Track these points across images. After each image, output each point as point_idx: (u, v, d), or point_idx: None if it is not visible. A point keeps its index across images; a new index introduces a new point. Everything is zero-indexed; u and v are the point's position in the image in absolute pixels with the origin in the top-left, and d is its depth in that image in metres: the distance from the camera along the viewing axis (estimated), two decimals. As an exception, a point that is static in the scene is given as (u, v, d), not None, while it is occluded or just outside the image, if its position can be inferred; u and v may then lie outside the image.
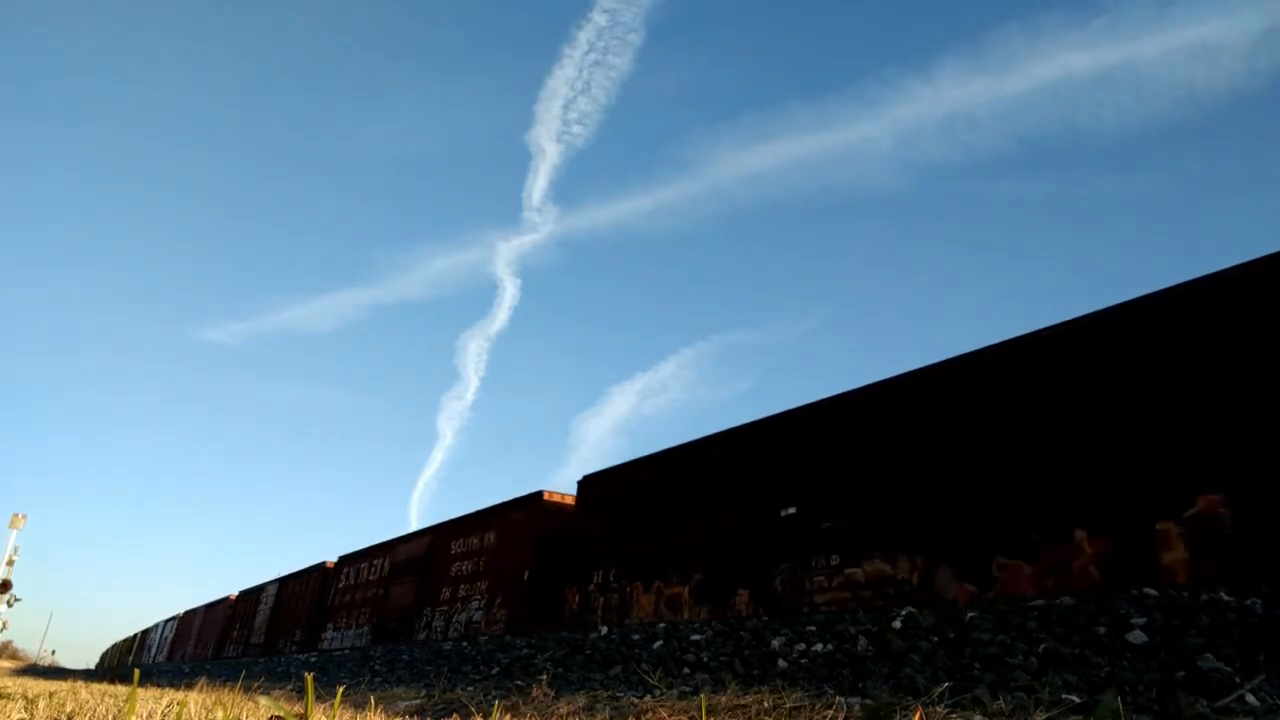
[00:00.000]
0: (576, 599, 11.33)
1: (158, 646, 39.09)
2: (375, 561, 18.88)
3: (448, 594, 15.19)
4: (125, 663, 43.06)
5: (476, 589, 14.31)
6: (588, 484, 12.27)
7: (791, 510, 8.30)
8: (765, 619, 7.73)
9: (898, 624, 6.11)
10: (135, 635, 47.87)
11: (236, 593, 28.82)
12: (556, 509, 13.19)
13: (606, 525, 11.37)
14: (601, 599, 10.84)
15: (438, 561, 16.06)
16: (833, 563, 7.68)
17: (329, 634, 20.06)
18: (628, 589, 10.37)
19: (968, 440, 6.96)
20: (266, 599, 25.02)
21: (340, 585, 20.45)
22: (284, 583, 24.29)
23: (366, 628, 18.12)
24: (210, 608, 31.54)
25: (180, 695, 6.98)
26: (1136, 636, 4.72)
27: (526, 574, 12.83)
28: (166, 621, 38.89)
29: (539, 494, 13.45)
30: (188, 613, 35.23)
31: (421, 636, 15.48)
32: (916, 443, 7.35)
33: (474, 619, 13.90)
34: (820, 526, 7.90)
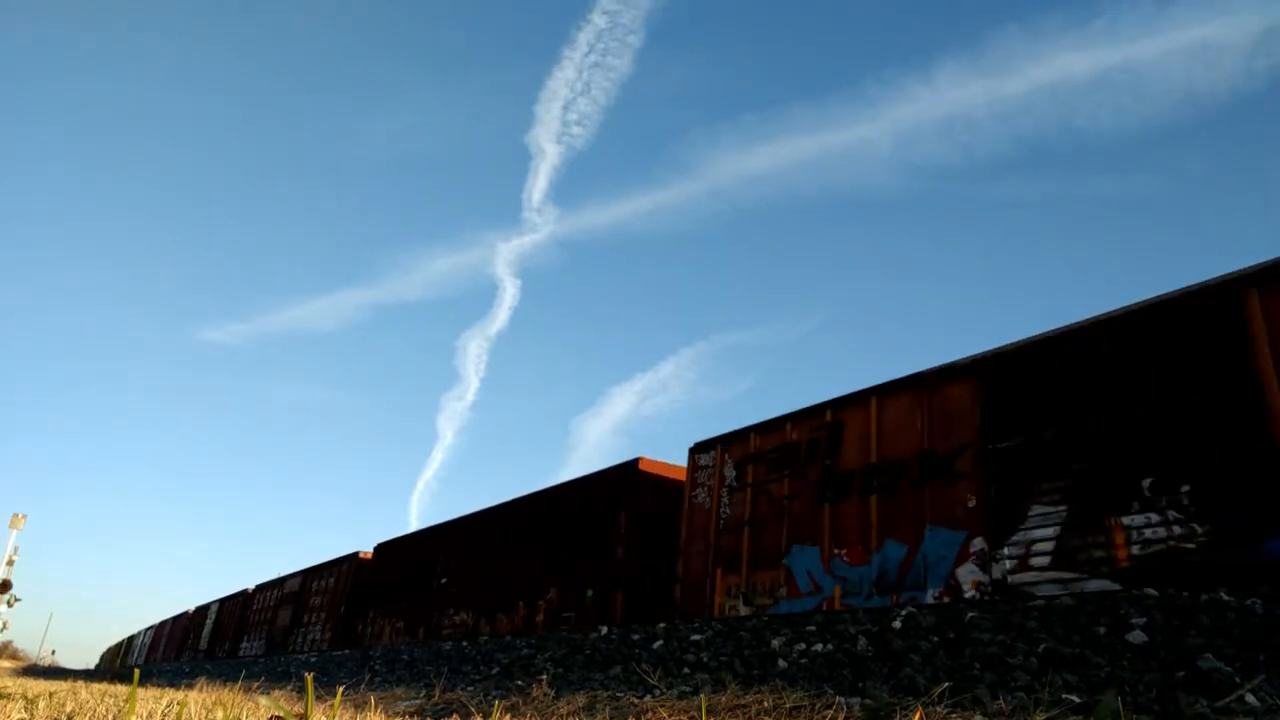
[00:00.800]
0: (360, 626, 18.66)
1: (139, 650, 44.11)
2: (273, 592, 24.77)
3: (308, 618, 21.69)
4: (116, 665, 46.26)
5: (321, 616, 20.94)
6: (378, 550, 19.64)
7: (444, 580, 15.84)
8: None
9: (898, 624, 6.11)
10: (122, 641, 53.67)
11: (194, 608, 33.76)
12: (364, 564, 19.83)
13: (363, 581, 19.59)
14: (370, 627, 18.21)
15: (305, 595, 22.42)
16: (450, 613, 15.22)
17: (244, 643, 25.65)
18: (380, 621, 17.96)
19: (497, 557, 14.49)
20: (210, 614, 30.71)
21: (254, 607, 26.10)
22: (223, 603, 29.74)
23: (263, 640, 23.89)
24: (175, 619, 36.55)
25: (180, 695, 6.99)
26: (1136, 636, 4.72)
27: (341, 608, 19.72)
28: (146, 630, 44.12)
29: (355, 554, 20.25)
30: (162, 622, 40.01)
31: (292, 649, 21.68)
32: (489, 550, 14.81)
33: (317, 636, 20.48)
34: (445, 590, 15.74)
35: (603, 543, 11.12)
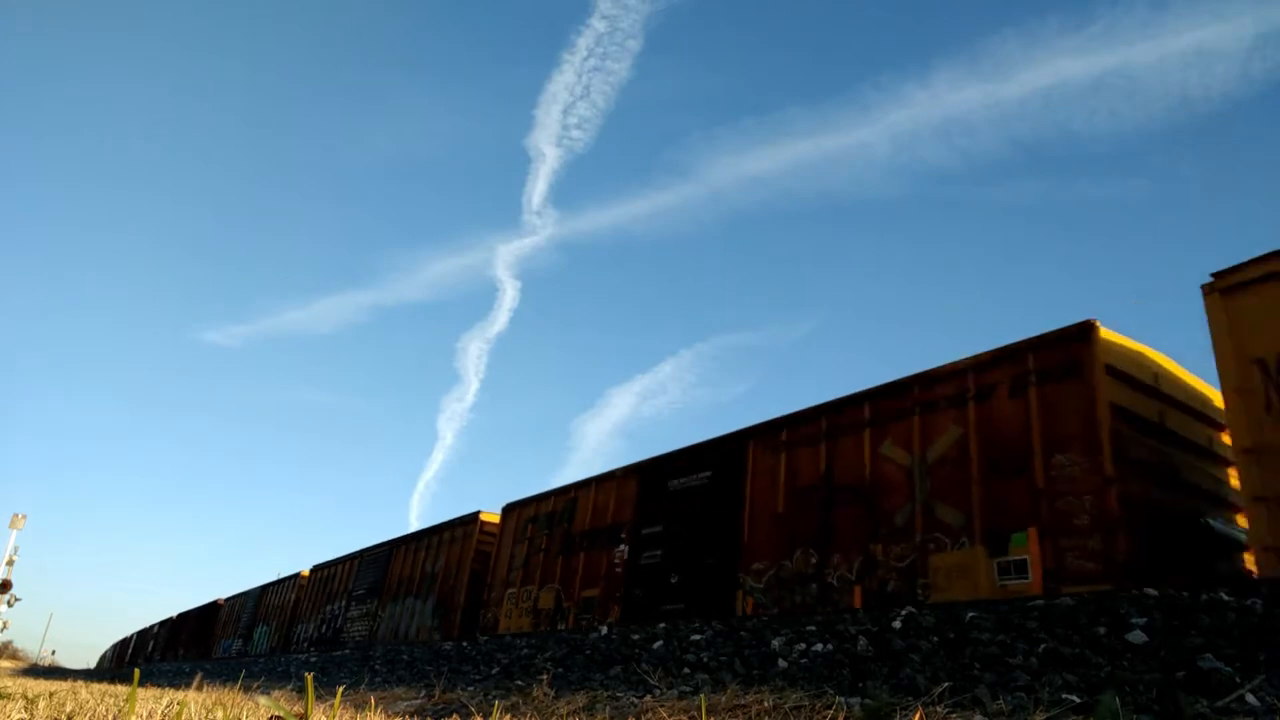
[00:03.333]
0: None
1: (131, 651, 49.19)
2: (243, 602, 28.36)
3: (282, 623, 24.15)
4: (117, 665, 48.94)
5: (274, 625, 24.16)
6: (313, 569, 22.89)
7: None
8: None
9: (898, 624, 6.11)
10: (115, 645, 57.80)
11: (176, 614, 38.48)
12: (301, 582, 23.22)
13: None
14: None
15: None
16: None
17: (222, 644, 29.41)
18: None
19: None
20: (190, 619, 35.28)
21: (222, 616, 30.55)
22: (185, 615, 36.10)
23: (239, 640, 27.46)
24: (161, 624, 41.33)
25: (180, 695, 6.99)
26: (1136, 636, 4.72)
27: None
28: (136, 633, 49.73)
29: (298, 574, 23.54)
30: (144, 628, 46.58)
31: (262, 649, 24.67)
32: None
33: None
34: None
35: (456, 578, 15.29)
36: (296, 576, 23.52)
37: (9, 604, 34.56)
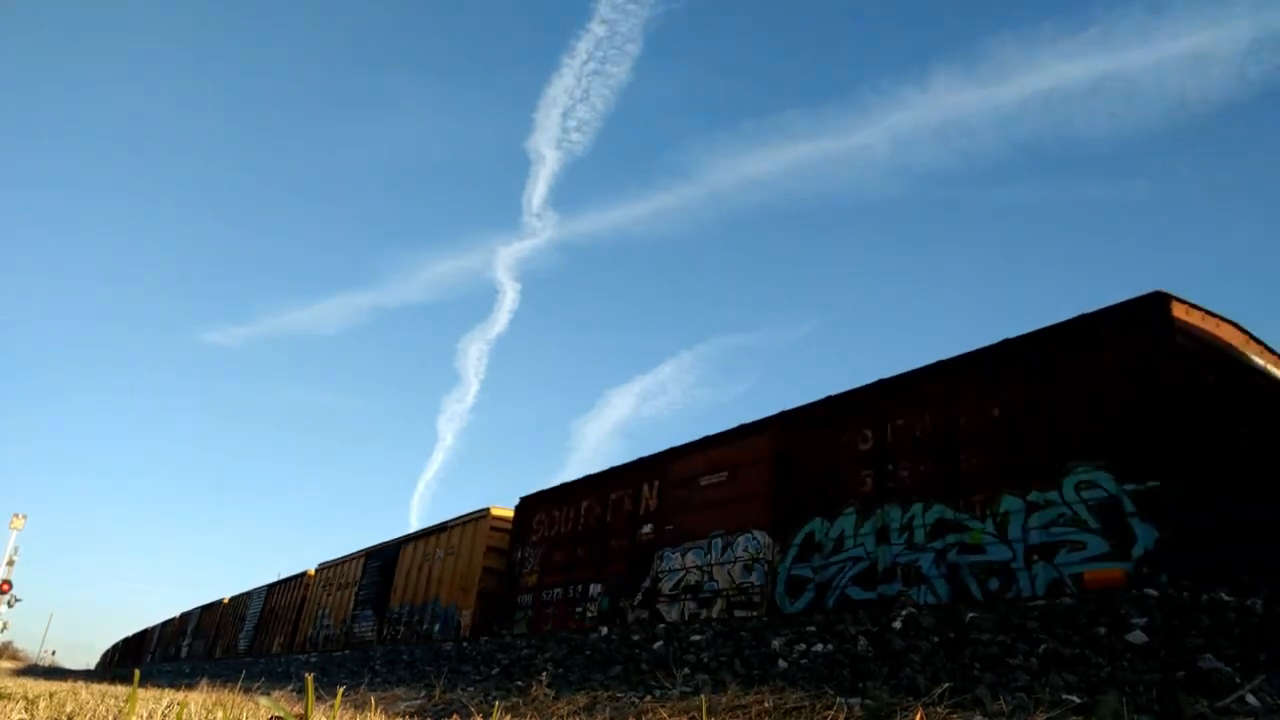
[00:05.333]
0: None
1: (134, 651, 52.42)
2: (203, 613, 33.22)
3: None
4: (119, 664, 50.09)
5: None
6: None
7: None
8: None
9: (898, 624, 6.11)
10: (116, 646, 59.76)
11: (162, 621, 42.74)
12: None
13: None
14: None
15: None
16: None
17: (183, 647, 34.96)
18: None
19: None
20: (172, 624, 39.61)
21: (189, 624, 35.08)
22: (166, 623, 40.71)
23: (202, 643, 31.89)
24: (152, 628, 45.67)
25: (180, 696, 6.99)
26: (1137, 636, 4.72)
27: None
28: (133, 634, 53.81)
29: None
30: (134, 633, 51.59)
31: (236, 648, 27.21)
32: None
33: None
34: None
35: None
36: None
37: (9, 604, 34.54)
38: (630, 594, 10.73)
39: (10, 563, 33.95)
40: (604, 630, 9.44)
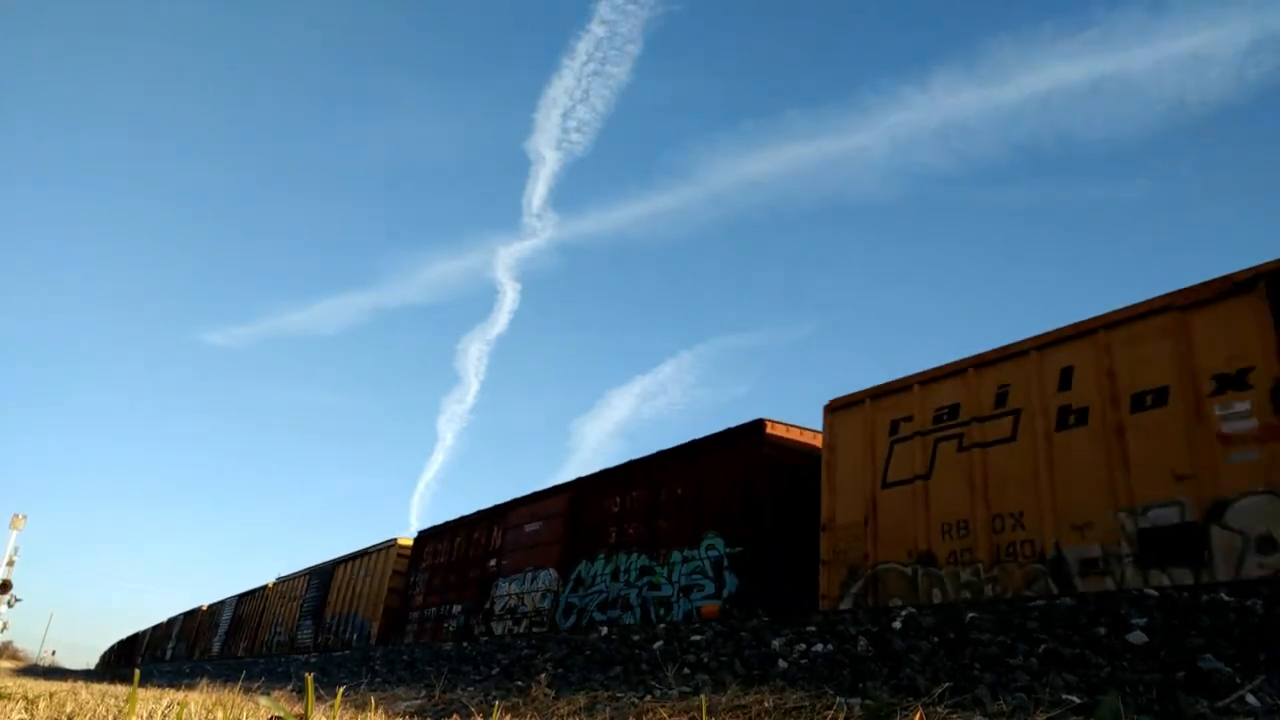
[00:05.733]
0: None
1: (128, 653, 54.42)
2: (185, 619, 35.74)
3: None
4: (115, 665, 51.78)
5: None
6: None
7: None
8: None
9: (898, 624, 6.11)
10: (113, 647, 61.47)
11: (153, 624, 45.30)
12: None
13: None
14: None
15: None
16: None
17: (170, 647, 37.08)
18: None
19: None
20: (160, 629, 42.02)
21: (174, 629, 37.85)
22: (155, 628, 43.70)
23: (184, 645, 34.36)
24: (143, 631, 48.39)
25: (180, 696, 6.99)
26: (1137, 637, 4.72)
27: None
28: (126, 637, 56.97)
29: (264, 586, 26.05)
30: (126, 636, 54.83)
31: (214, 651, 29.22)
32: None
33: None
34: None
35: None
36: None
37: (9, 604, 34.55)
38: (478, 614, 13.84)
39: (10, 563, 33.95)
40: (604, 630, 9.45)
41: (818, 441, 9.34)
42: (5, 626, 36.95)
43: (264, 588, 25.75)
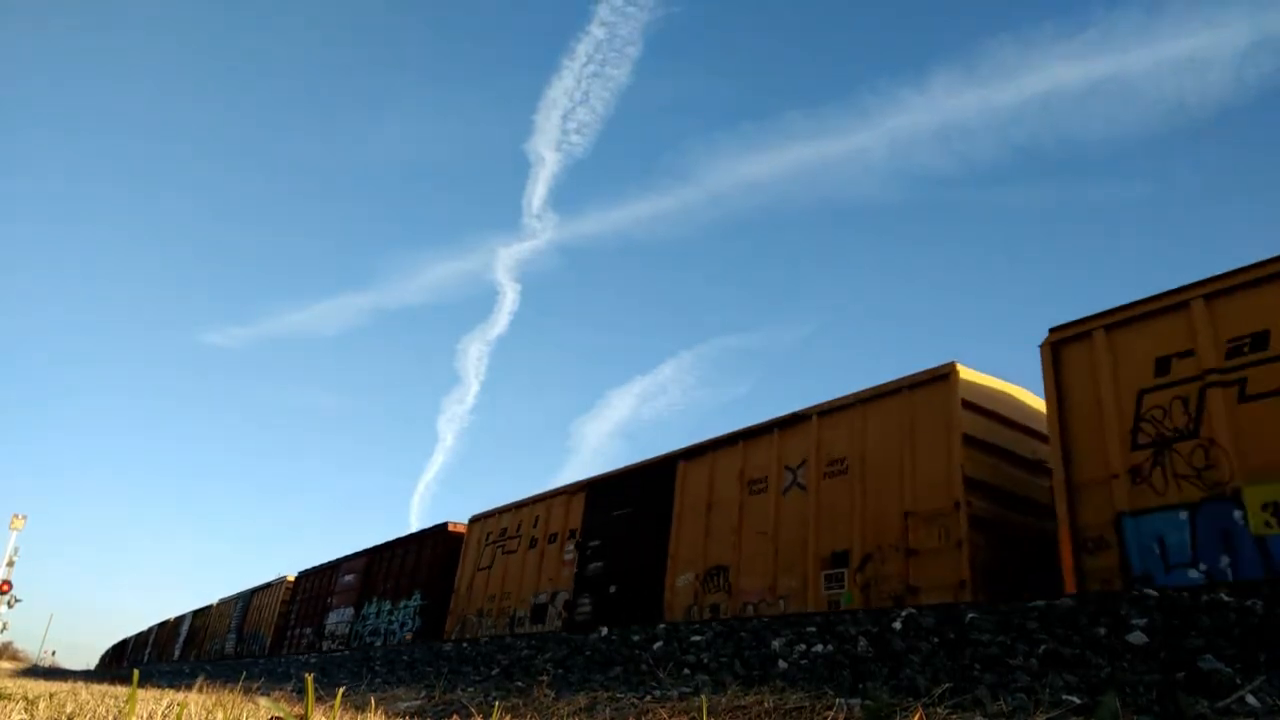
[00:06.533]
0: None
1: (119, 656, 59.38)
2: (159, 629, 41.39)
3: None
4: (110, 666, 54.97)
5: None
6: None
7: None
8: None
9: (898, 625, 6.11)
10: (110, 649, 64.68)
11: (136, 632, 50.21)
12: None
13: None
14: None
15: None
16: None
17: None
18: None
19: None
20: (143, 636, 47.21)
21: (151, 636, 42.96)
22: (138, 634, 48.63)
23: (156, 651, 39.32)
24: (128, 638, 53.21)
25: (180, 696, 6.98)
26: (1137, 637, 4.72)
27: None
28: (117, 642, 61.77)
29: (210, 605, 31.92)
30: (117, 641, 59.53)
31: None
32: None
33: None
34: None
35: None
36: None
37: (9, 605, 34.50)
38: (320, 634, 20.14)
39: (10, 563, 33.91)
40: (604, 630, 9.44)
41: (461, 530, 15.97)
42: (5, 627, 36.91)
43: (210, 606, 31.71)
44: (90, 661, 73.90)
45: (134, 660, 47.04)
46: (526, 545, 13.37)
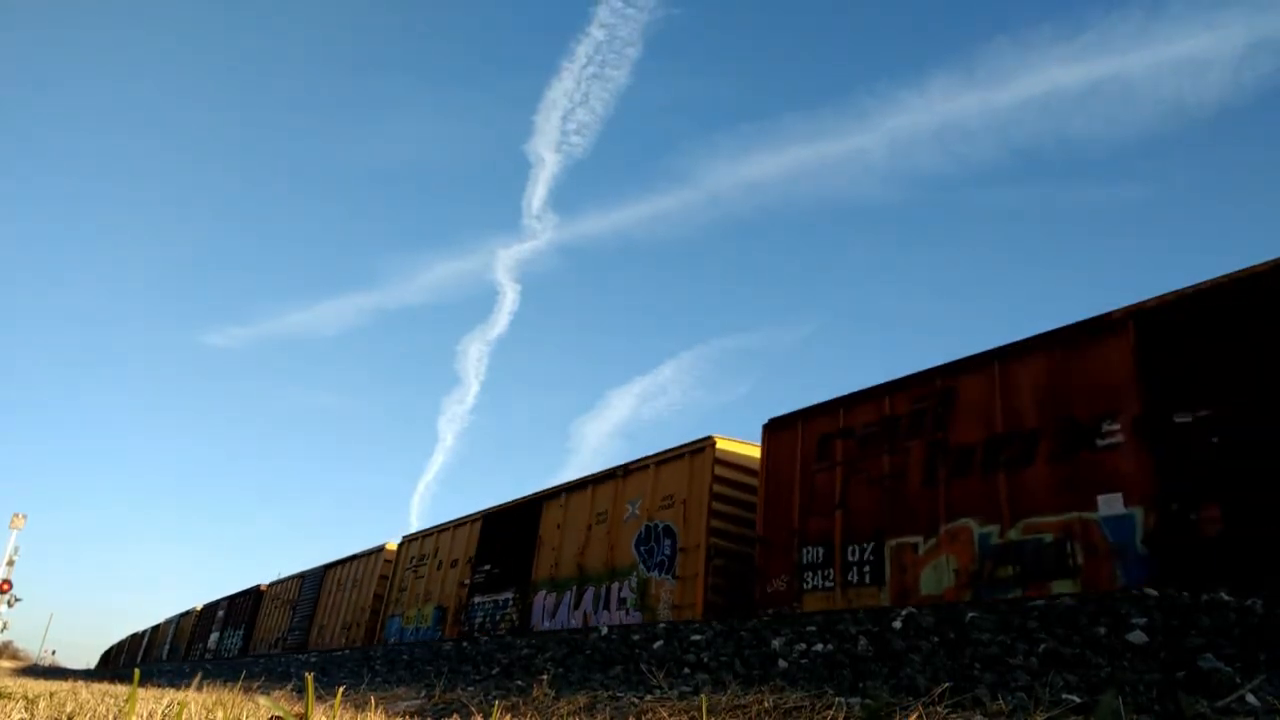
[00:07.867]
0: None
1: (116, 656, 60.95)
2: (153, 632, 43.59)
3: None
4: (119, 662, 55.30)
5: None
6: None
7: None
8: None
9: (898, 624, 6.11)
10: (109, 649, 66.06)
11: (148, 626, 50.51)
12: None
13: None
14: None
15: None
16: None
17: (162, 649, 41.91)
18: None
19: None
20: (137, 638, 47.96)
21: (144, 638, 44.36)
22: (132, 637, 51.42)
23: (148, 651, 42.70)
24: (123, 640, 55.88)
25: (180, 695, 6.99)
26: (1137, 637, 4.72)
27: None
28: (114, 644, 63.77)
29: (191, 609, 35.01)
30: (114, 643, 61.74)
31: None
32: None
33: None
34: None
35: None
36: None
37: (9, 604, 34.52)
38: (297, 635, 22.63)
39: (10, 563, 33.93)
40: (604, 630, 9.45)
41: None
42: (5, 626, 36.94)
43: (191, 610, 34.55)
44: (90, 661, 74.03)
45: (129, 662, 46.10)
46: (434, 567, 16.63)
